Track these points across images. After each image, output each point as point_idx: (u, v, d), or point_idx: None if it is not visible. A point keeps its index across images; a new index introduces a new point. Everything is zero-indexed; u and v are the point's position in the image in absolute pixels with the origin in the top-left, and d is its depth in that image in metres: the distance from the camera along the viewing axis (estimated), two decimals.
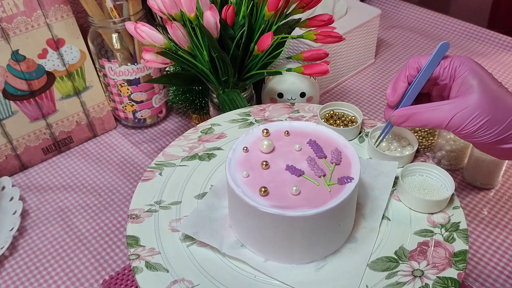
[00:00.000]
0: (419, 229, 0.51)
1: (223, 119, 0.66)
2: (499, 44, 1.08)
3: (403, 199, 0.53)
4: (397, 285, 0.45)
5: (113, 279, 0.66)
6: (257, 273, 0.47)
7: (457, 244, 0.49)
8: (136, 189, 0.56)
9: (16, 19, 0.75)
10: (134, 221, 0.53)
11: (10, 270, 0.68)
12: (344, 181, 0.47)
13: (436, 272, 0.46)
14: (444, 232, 0.50)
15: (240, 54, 0.69)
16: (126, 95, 0.85)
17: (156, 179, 0.57)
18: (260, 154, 0.50)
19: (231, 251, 0.49)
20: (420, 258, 0.48)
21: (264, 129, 0.52)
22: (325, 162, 0.49)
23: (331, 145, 0.51)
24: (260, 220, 0.45)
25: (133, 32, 0.67)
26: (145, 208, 0.54)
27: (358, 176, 0.47)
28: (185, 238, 0.50)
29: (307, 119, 0.65)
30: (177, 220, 0.53)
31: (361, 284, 0.46)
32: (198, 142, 0.62)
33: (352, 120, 0.63)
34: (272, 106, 0.68)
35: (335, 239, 0.48)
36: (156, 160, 0.60)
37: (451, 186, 0.53)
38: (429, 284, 0.45)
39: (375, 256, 0.48)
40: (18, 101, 0.79)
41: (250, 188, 0.46)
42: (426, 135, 0.80)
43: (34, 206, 0.77)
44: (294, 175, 0.47)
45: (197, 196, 0.55)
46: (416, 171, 0.56)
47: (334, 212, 0.45)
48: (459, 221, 0.51)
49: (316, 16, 0.71)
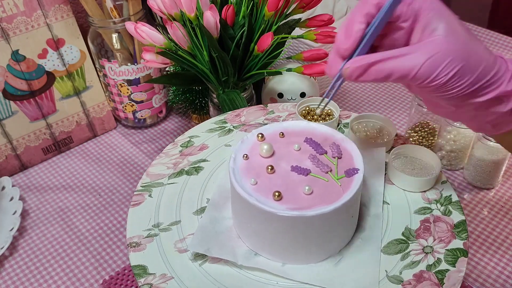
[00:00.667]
0: (417, 208, 0.53)
1: (200, 130, 0.65)
2: (499, 44, 1.08)
3: (397, 182, 0.55)
4: (412, 264, 0.47)
5: (113, 279, 0.66)
6: (278, 279, 0.47)
7: (454, 216, 0.52)
8: (129, 215, 0.53)
9: (16, 19, 0.75)
10: (135, 250, 0.50)
11: (10, 270, 0.68)
12: (352, 173, 0.47)
13: (443, 246, 0.49)
14: (440, 206, 0.53)
15: (240, 54, 0.69)
16: (126, 95, 0.85)
17: (147, 201, 0.55)
18: (261, 159, 0.49)
19: (247, 261, 0.48)
20: (426, 235, 0.50)
21: (259, 134, 0.52)
22: (327, 158, 0.49)
23: (328, 140, 0.51)
24: (277, 225, 0.45)
25: (133, 32, 0.67)
26: (143, 234, 0.52)
27: (362, 166, 0.48)
28: (196, 257, 0.49)
29: (283, 118, 0.65)
30: (181, 241, 0.51)
31: (380, 270, 0.47)
32: (181, 156, 0.61)
33: (328, 114, 0.65)
34: (246, 110, 0.67)
35: (348, 232, 0.49)
36: (141, 182, 0.57)
37: (436, 162, 0.56)
38: (441, 258, 0.48)
39: (385, 241, 0.50)
40: (18, 101, 0.79)
41: (262, 194, 0.46)
42: (426, 135, 0.80)
43: (34, 206, 0.77)
44: (301, 175, 0.48)
45: (196, 212, 0.54)
46: (401, 153, 0.58)
47: (349, 205, 0.45)
48: (450, 194, 0.54)
49: (316, 16, 0.71)
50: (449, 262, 0.47)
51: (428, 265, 0.47)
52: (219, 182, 0.56)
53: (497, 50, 1.07)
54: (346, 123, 0.64)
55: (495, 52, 0.42)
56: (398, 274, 0.46)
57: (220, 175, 0.58)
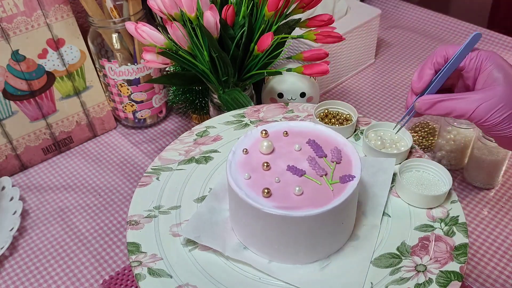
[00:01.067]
0: (419, 224, 0.51)
1: (217, 121, 0.65)
2: (499, 44, 1.08)
3: (402, 195, 0.54)
4: (401, 280, 0.46)
5: (113, 279, 0.66)
6: (261, 275, 0.47)
7: (457, 237, 0.50)
8: (134, 194, 0.55)
9: (16, 19, 0.75)
10: (133, 228, 0.52)
11: (10, 270, 0.68)
12: (346, 179, 0.47)
13: (438, 266, 0.47)
14: (444, 226, 0.51)
15: (240, 54, 0.69)
16: (126, 95, 0.85)
17: (154, 184, 0.57)
18: (260, 155, 0.50)
19: (234, 254, 0.48)
20: (422, 253, 0.48)
21: (263, 130, 0.52)
22: (325, 161, 0.49)
23: (331, 144, 0.51)
24: (264, 221, 0.45)
25: (133, 32, 0.67)
26: (144, 214, 0.53)
27: (359, 174, 0.47)
28: (187, 242, 0.50)
29: (301, 118, 0.65)
30: (177, 225, 0.52)
31: (366, 281, 0.46)
32: (194, 145, 0.62)
33: (347, 118, 0.64)
34: (266, 107, 0.67)
35: (339, 238, 0.48)
36: (152, 165, 0.59)
37: (448, 180, 0.53)
38: (432, 279, 0.46)
39: (377, 253, 0.49)
40: (18, 101, 0.79)
41: (253, 189, 0.46)
42: (426, 135, 0.80)
43: (34, 206, 0.77)
44: (296, 175, 0.47)
45: (196, 200, 0.55)
46: (413, 167, 0.56)
47: (338, 210, 0.45)
48: (457, 215, 0.52)
49: (316, 16, 0.71)
50: (440, 284, 0.45)
51: (417, 284, 0.45)
52: (224, 174, 0.56)
53: (497, 50, 1.07)
54: (363, 130, 0.63)
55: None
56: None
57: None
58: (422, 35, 1.15)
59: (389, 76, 1.03)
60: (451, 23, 1.15)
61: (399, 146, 0.59)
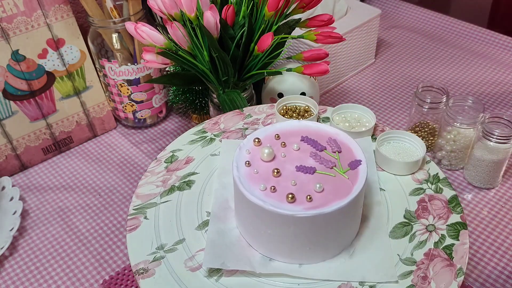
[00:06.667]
0: (411, 190, 0.55)
1: (181, 143, 0.62)
2: (499, 44, 1.08)
3: (387, 168, 0.57)
4: (420, 244, 0.49)
5: (113, 279, 0.66)
6: (299, 281, 0.47)
7: (446, 192, 0.54)
8: (128, 242, 0.51)
9: (16, 19, 0.75)
10: (145, 276, 0.47)
11: (10, 270, 0.68)
12: (356, 164, 0.48)
13: (443, 222, 0.51)
14: (431, 185, 0.55)
15: (240, 54, 0.69)
16: (126, 95, 0.85)
17: (144, 224, 0.52)
18: (263, 163, 0.49)
19: (264, 268, 0.47)
20: (425, 214, 0.52)
21: (255, 139, 0.51)
22: (327, 153, 0.50)
23: (324, 136, 0.52)
24: (295, 226, 0.44)
25: (133, 32, 0.67)
26: (149, 258, 0.49)
27: (364, 157, 0.49)
28: (210, 273, 0.47)
29: (262, 120, 0.65)
30: (191, 259, 0.49)
31: (394, 255, 0.48)
32: (168, 173, 0.58)
33: (306, 110, 0.65)
34: (224, 117, 0.66)
35: (357, 223, 0.50)
36: (133, 206, 0.54)
37: (419, 143, 0.58)
38: (444, 234, 0.50)
39: (390, 225, 0.51)
40: (18, 101, 0.79)
41: (275, 199, 0.45)
42: (426, 135, 0.80)
43: (34, 206, 0.77)
44: (308, 174, 0.48)
45: (198, 227, 0.52)
46: (387, 139, 0.60)
47: (360, 196, 0.46)
48: (436, 172, 0.57)
49: (316, 16, 0.71)
50: (452, 236, 0.49)
51: (435, 243, 0.49)
52: (215, 194, 0.55)
53: (497, 50, 1.07)
54: (325, 117, 0.65)
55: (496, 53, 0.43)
56: (410, 255, 0.48)
57: (213, 186, 0.56)
58: (422, 35, 1.15)
59: (389, 76, 1.03)
60: (451, 23, 1.15)
61: (364, 123, 0.63)
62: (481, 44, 1.10)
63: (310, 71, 0.71)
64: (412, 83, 1.00)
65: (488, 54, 1.07)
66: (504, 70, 1.02)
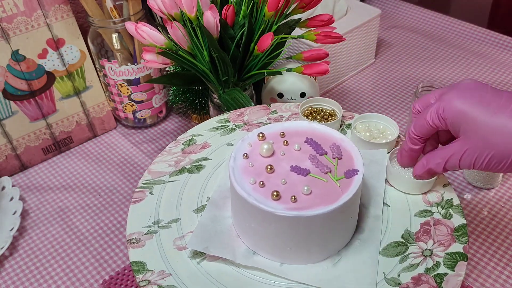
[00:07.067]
0: (418, 211, 0.53)
1: (202, 128, 0.64)
2: (499, 44, 1.08)
3: (396, 184, 0.55)
4: (411, 267, 0.47)
5: (113, 279, 0.66)
6: (275, 278, 0.47)
7: (455, 219, 0.51)
8: (129, 212, 0.54)
9: (16, 19, 0.75)
10: (135, 246, 0.50)
11: (10, 270, 0.68)
12: (351, 174, 0.47)
13: (443, 249, 0.48)
14: (441, 210, 0.52)
15: (240, 54, 0.69)
16: (126, 95, 0.85)
17: (148, 198, 0.55)
18: (261, 158, 0.49)
19: (245, 260, 0.48)
20: (425, 238, 0.50)
21: (260, 133, 0.51)
22: (327, 158, 0.49)
23: (328, 140, 0.51)
24: (276, 224, 0.45)
25: (133, 32, 0.67)
26: (143, 230, 0.52)
27: (362, 167, 0.48)
28: (194, 255, 0.49)
29: (286, 118, 0.65)
30: (180, 238, 0.51)
31: (378, 272, 0.47)
32: (183, 155, 0.60)
33: (331, 114, 0.64)
34: (249, 110, 0.67)
35: (347, 233, 0.49)
36: (143, 179, 0.57)
37: None
38: (440, 262, 0.47)
39: (384, 243, 0.49)
40: (18, 101, 0.79)
41: (261, 194, 0.46)
42: None
43: (34, 206, 0.77)
44: (301, 175, 0.47)
45: (195, 210, 0.54)
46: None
47: (347, 206, 0.45)
48: (451, 198, 0.54)
49: (316, 16, 0.71)
50: (448, 265, 0.47)
51: (427, 268, 0.47)
52: (220, 181, 0.56)
53: (497, 50, 1.08)
54: (349, 124, 0.64)
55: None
56: (396, 276, 0.46)
57: (221, 174, 0.57)
58: (422, 35, 1.15)
59: (389, 76, 1.03)
60: (451, 23, 1.15)
61: (386, 135, 0.61)
62: (481, 44, 1.10)
63: (310, 71, 0.71)
64: (412, 83, 1.00)
65: (488, 54, 1.07)
66: (504, 70, 1.02)
